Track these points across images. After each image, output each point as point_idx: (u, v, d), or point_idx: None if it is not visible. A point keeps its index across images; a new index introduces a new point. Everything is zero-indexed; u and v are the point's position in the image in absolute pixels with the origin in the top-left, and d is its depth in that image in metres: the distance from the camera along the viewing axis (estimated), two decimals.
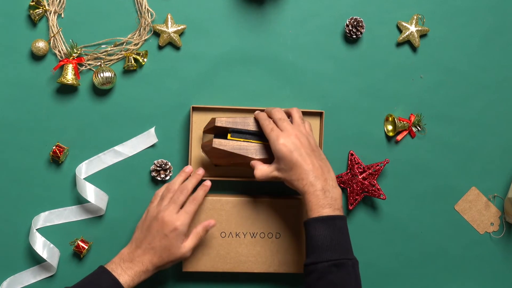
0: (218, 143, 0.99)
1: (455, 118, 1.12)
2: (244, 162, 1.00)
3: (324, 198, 0.90)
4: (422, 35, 1.11)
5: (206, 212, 1.05)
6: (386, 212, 1.12)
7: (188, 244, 0.98)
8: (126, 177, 1.07)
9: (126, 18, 1.06)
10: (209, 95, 1.08)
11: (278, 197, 1.07)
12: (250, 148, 0.99)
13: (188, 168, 1.03)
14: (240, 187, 1.09)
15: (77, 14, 1.06)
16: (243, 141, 0.99)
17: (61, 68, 1.04)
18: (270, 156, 0.98)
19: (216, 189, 1.08)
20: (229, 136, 1.00)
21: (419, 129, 1.11)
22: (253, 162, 0.99)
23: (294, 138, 0.93)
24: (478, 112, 1.13)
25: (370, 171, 1.07)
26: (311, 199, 0.90)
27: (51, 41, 1.04)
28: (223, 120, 0.99)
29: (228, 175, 1.07)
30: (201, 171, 1.03)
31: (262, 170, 0.97)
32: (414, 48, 1.11)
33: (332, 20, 1.09)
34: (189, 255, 0.98)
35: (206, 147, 1.01)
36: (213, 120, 1.00)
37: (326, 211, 0.89)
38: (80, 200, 1.07)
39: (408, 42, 1.11)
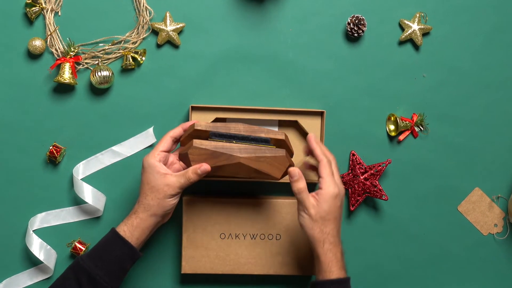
0: (199, 142, 0.92)
1: (458, 118, 1.12)
2: (228, 166, 0.94)
3: (336, 257, 0.93)
4: (425, 34, 1.10)
5: (205, 213, 1.05)
6: (388, 213, 1.12)
7: (171, 177, 0.93)
8: (124, 177, 1.07)
9: (124, 16, 1.05)
10: (209, 95, 1.07)
11: (279, 198, 1.07)
12: (234, 148, 0.93)
13: (190, 123, 0.97)
14: (240, 187, 1.09)
15: (74, 12, 1.05)
16: (226, 142, 0.94)
17: (58, 67, 1.04)
18: (258, 155, 0.93)
19: (215, 189, 1.08)
20: (208, 138, 0.95)
21: (422, 129, 1.11)
22: (293, 171, 0.94)
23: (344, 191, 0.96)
24: (481, 112, 1.12)
25: (372, 171, 1.07)
26: (327, 254, 0.92)
27: (48, 40, 1.04)
28: (202, 124, 0.94)
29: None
30: (191, 122, 0.97)
31: (302, 184, 0.94)
32: (416, 47, 1.10)
33: (333, 18, 1.09)
34: (175, 192, 0.94)
35: (185, 152, 0.94)
36: (191, 126, 0.95)
37: (337, 273, 0.93)
38: (77, 201, 1.07)
39: (410, 40, 1.10)
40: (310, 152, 0.98)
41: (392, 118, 1.10)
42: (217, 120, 1.05)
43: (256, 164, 0.93)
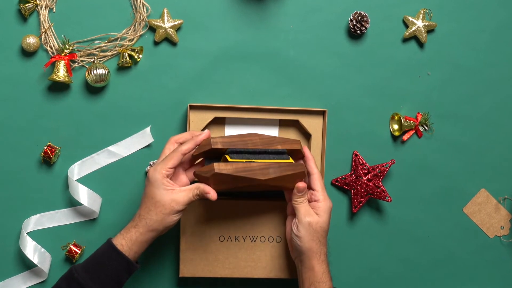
0: (219, 168, 0.89)
1: (464, 117, 1.12)
2: (247, 185, 0.93)
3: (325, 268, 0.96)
4: (429, 30, 1.10)
5: (204, 214, 1.04)
6: (391, 215, 1.11)
7: (179, 192, 0.91)
8: (120, 178, 1.07)
9: (120, 12, 1.05)
10: (207, 93, 1.07)
11: (279, 200, 1.06)
12: (255, 169, 0.91)
13: (202, 135, 0.94)
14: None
15: (69, 8, 1.05)
16: (246, 161, 0.92)
17: (53, 65, 1.04)
18: (280, 175, 0.92)
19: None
20: (228, 158, 0.92)
21: (426, 128, 1.10)
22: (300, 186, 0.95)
23: None
24: (487, 111, 1.12)
25: (375, 172, 1.07)
26: (322, 265, 0.95)
27: (42, 37, 1.04)
28: (218, 141, 0.91)
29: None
30: (204, 135, 0.94)
31: (305, 197, 0.97)
32: (421, 44, 1.10)
33: (335, 14, 1.09)
34: (181, 208, 0.91)
35: (205, 174, 0.91)
36: (206, 142, 0.92)
37: (329, 284, 0.95)
38: (72, 203, 1.07)
39: (414, 37, 1.10)
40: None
41: (396, 118, 1.09)
42: (216, 119, 1.05)
43: (277, 182, 0.94)
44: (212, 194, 0.91)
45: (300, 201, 0.95)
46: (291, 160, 0.95)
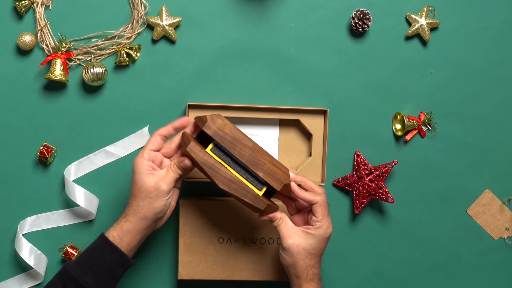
0: (192, 149, 0.90)
1: (468, 117, 1.11)
2: (216, 183, 0.91)
3: None
4: (433, 28, 1.10)
5: (203, 216, 1.04)
6: (394, 216, 1.11)
7: (158, 173, 0.91)
8: (118, 179, 1.07)
9: (118, 10, 1.05)
10: (206, 92, 1.07)
11: (280, 201, 1.03)
12: (221, 174, 0.90)
13: (180, 120, 0.94)
14: None
15: (65, 5, 1.04)
16: (219, 161, 0.91)
17: (49, 64, 1.03)
18: (238, 195, 0.90)
19: (213, 191, 1.06)
20: (209, 148, 0.92)
21: (430, 128, 1.10)
22: (276, 216, 0.93)
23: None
24: (492, 110, 1.12)
25: (377, 172, 1.07)
26: (308, 283, 0.93)
27: (38, 35, 1.04)
28: (212, 128, 0.90)
29: None
30: (181, 120, 0.94)
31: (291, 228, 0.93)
32: (424, 42, 1.10)
33: (337, 12, 1.08)
34: (167, 188, 0.91)
35: (183, 143, 0.92)
36: (202, 120, 0.92)
37: None
38: (69, 204, 1.07)
39: (417, 35, 1.10)
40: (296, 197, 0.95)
41: (399, 117, 1.09)
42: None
43: (236, 198, 0.92)
44: (186, 161, 0.91)
45: (279, 224, 0.93)
46: (259, 193, 0.92)
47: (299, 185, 0.95)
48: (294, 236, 0.92)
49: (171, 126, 0.94)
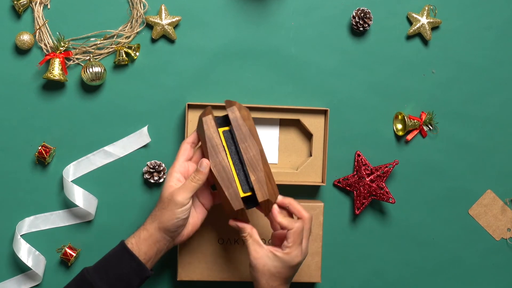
0: (208, 121, 0.89)
1: (470, 116, 1.11)
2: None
3: None
4: (434, 27, 1.09)
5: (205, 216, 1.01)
6: (395, 217, 1.11)
7: (178, 183, 0.91)
8: (117, 179, 1.06)
9: (117, 9, 1.05)
10: (206, 92, 1.07)
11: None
12: (218, 157, 0.89)
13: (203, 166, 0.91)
14: None
15: (64, 4, 1.04)
16: (224, 146, 0.90)
17: (47, 63, 1.03)
18: (221, 185, 0.88)
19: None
20: (222, 129, 0.92)
21: (431, 128, 1.10)
22: (248, 235, 0.91)
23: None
24: (493, 110, 1.12)
25: (378, 173, 1.06)
26: None
27: (37, 34, 1.03)
28: (235, 114, 0.90)
29: None
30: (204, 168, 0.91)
31: (259, 251, 0.91)
32: (425, 41, 1.10)
33: (337, 11, 1.08)
34: (182, 199, 0.88)
35: (201, 114, 0.91)
36: (235, 103, 0.91)
37: None
38: (67, 204, 1.06)
39: (419, 35, 1.10)
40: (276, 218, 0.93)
41: (400, 117, 1.09)
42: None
43: (217, 185, 0.90)
44: (205, 161, 0.89)
45: (247, 239, 0.91)
46: (241, 194, 0.90)
47: (287, 207, 0.93)
48: (261, 255, 0.90)
49: (197, 132, 0.93)
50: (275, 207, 0.92)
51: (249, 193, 0.90)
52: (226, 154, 0.90)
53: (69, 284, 0.92)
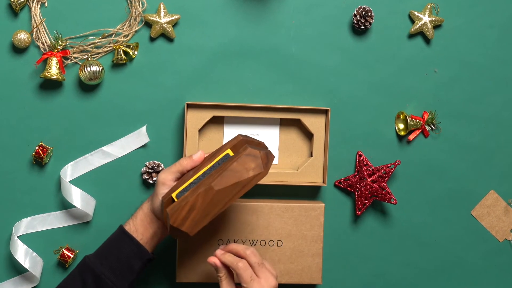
0: (171, 208, 0.86)
1: (472, 116, 1.11)
2: (209, 201, 0.86)
3: None
4: (436, 26, 1.09)
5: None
6: (397, 218, 1.11)
7: (164, 170, 0.95)
8: (115, 180, 1.06)
9: (115, 7, 1.05)
10: (205, 91, 1.06)
11: (280, 201, 1.05)
12: (200, 184, 0.87)
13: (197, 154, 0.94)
14: None
15: (61, 3, 1.04)
16: (192, 179, 0.89)
17: (45, 62, 1.03)
18: (223, 170, 0.85)
19: None
20: (174, 196, 0.89)
21: (433, 127, 1.10)
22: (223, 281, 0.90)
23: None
24: (496, 110, 1.11)
25: (380, 173, 1.06)
26: None
27: (34, 33, 1.03)
28: (168, 196, 0.89)
29: None
30: (198, 154, 0.94)
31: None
32: (427, 40, 1.10)
33: (338, 9, 1.08)
34: (170, 177, 0.92)
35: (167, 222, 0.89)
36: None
37: None
38: (65, 205, 1.06)
39: (421, 33, 1.09)
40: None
41: (402, 117, 1.09)
42: (214, 118, 1.05)
43: (229, 179, 0.85)
44: (200, 152, 0.93)
45: (222, 280, 0.90)
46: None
47: (229, 251, 0.92)
48: None
49: (191, 161, 0.93)
50: (217, 251, 0.91)
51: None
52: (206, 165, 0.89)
53: (72, 272, 0.95)
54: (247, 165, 0.85)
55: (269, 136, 1.07)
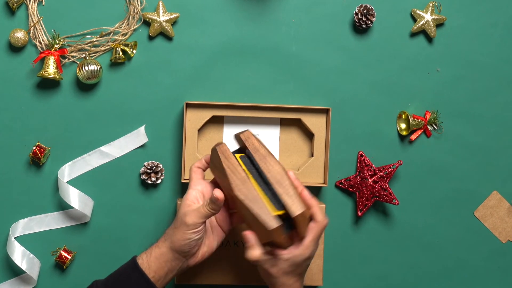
0: (223, 150, 0.86)
1: (475, 116, 1.11)
2: (224, 188, 0.88)
3: None
4: (439, 24, 1.09)
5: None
6: (398, 219, 1.11)
7: (193, 205, 0.88)
8: (113, 180, 1.06)
9: (113, 5, 1.05)
10: (205, 91, 1.06)
11: None
12: (240, 182, 0.85)
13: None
14: None
15: (59, 1, 1.04)
16: (243, 168, 0.87)
17: (42, 61, 1.03)
18: (249, 206, 0.84)
19: None
20: (238, 155, 0.89)
21: (436, 127, 1.10)
22: (247, 236, 0.87)
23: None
24: (500, 109, 1.11)
25: (382, 173, 1.06)
26: None
27: (31, 31, 1.03)
28: (249, 138, 0.88)
29: None
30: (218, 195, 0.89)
31: (258, 252, 0.87)
32: (429, 39, 1.09)
33: (339, 7, 1.08)
34: (192, 222, 0.87)
35: (214, 148, 0.88)
36: (243, 134, 0.90)
37: None
38: (62, 206, 1.06)
39: (423, 32, 1.09)
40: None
41: (404, 116, 1.09)
42: (214, 118, 1.05)
43: (246, 213, 0.86)
44: (216, 192, 0.87)
45: (252, 259, 0.88)
46: (275, 213, 0.84)
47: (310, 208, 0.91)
48: (276, 266, 0.88)
49: (211, 165, 0.92)
50: (305, 193, 0.88)
51: (282, 211, 0.85)
52: (248, 178, 0.86)
53: None
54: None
55: (269, 136, 1.07)
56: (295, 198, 0.84)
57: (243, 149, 0.90)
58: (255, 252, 0.86)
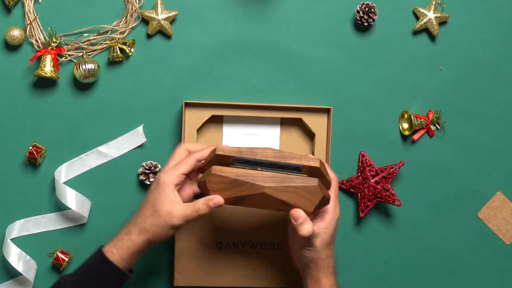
0: (219, 169, 0.88)
1: (478, 115, 1.11)
2: (252, 197, 0.89)
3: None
4: (442, 23, 1.09)
5: (200, 220, 1.02)
6: (401, 220, 1.11)
7: (177, 206, 0.88)
8: (111, 181, 1.06)
9: (111, 3, 1.05)
10: (204, 90, 1.06)
11: None
12: (259, 176, 0.88)
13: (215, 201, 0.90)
14: None
15: None
16: (250, 169, 0.90)
17: (39, 60, 1.03)
18: (286, 184, 0.88)
19: None
20: (232, 167, 0.91)
21: (438, 127, 1.10)
22: (296, 213, 0.88)
23: None
24: (503, 109, 1.11)
25: (384, 174, 1.06)
26: (330, 277, 0.94)
27: (27, 29, 1.03)
28: (225, 149, 0.89)
29: None
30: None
31: (310, 227, 0.88)
32: (432, 37, 1.09)
33: (341, 5, 1.08)
34: (178, 224, 0.88)
35: (203, 180, 0.89)
36: (212, 151, 0.92)
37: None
38: (59, 207, 1.06)
39: (425, 30, 1.09)
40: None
41: (406, 116, 1.09)
42: (213, 117, 1.04)
43: (284, 195, 0.88)
44: (218, 198, 0.88)
45: (308, 234, 0.89)
46: (304, 175, 0.89)
47: None
48: (321, 237, 0.91)
49: (208, 151, 0.92)
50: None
51: (305, 174, 0.89)
52: (258, 170, 0.88)
53: None
54: (311, 198, 0.88)
55: (270, 136, 1.07)
56: (305, 157, 0.89)
57: (228, 162, 0.90)
58: (309, 226, 0.88)
